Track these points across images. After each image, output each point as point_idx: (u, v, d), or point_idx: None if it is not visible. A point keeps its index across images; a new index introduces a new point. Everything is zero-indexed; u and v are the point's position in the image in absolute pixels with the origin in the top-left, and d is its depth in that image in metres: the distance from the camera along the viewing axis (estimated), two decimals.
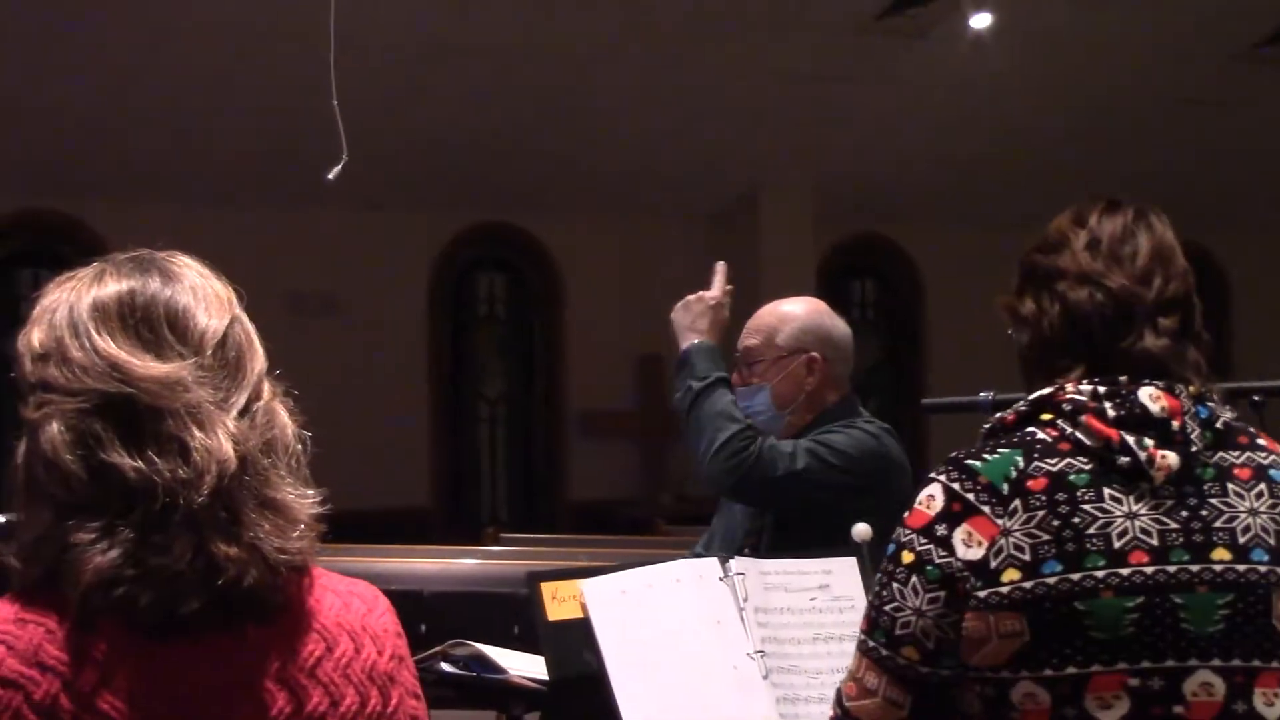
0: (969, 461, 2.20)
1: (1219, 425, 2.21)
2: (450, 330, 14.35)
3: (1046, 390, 2.24)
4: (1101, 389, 2.19)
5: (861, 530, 3.17)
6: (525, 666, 3.20)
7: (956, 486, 2.18)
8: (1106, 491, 2.14)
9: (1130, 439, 2.15)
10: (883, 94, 12.69)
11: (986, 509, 2.15)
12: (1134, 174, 11.38)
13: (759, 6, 11.30)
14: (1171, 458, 2.15)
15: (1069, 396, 2.20)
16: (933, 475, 2.24)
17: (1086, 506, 2.13)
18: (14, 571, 1.78)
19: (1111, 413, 2.17)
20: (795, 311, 4.22)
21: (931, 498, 2.20)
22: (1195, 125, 13.41)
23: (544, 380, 14.62)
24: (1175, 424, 2.17)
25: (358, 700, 1.84)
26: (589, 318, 14.17)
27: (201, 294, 1.89)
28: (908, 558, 2.18)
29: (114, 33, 10.56)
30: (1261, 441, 2.27)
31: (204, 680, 1.75)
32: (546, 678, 3.01)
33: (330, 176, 6.20)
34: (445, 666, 3.24)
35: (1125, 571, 2.11)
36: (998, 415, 2.29)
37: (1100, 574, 2.10)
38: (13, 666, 1.69)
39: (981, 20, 11.76)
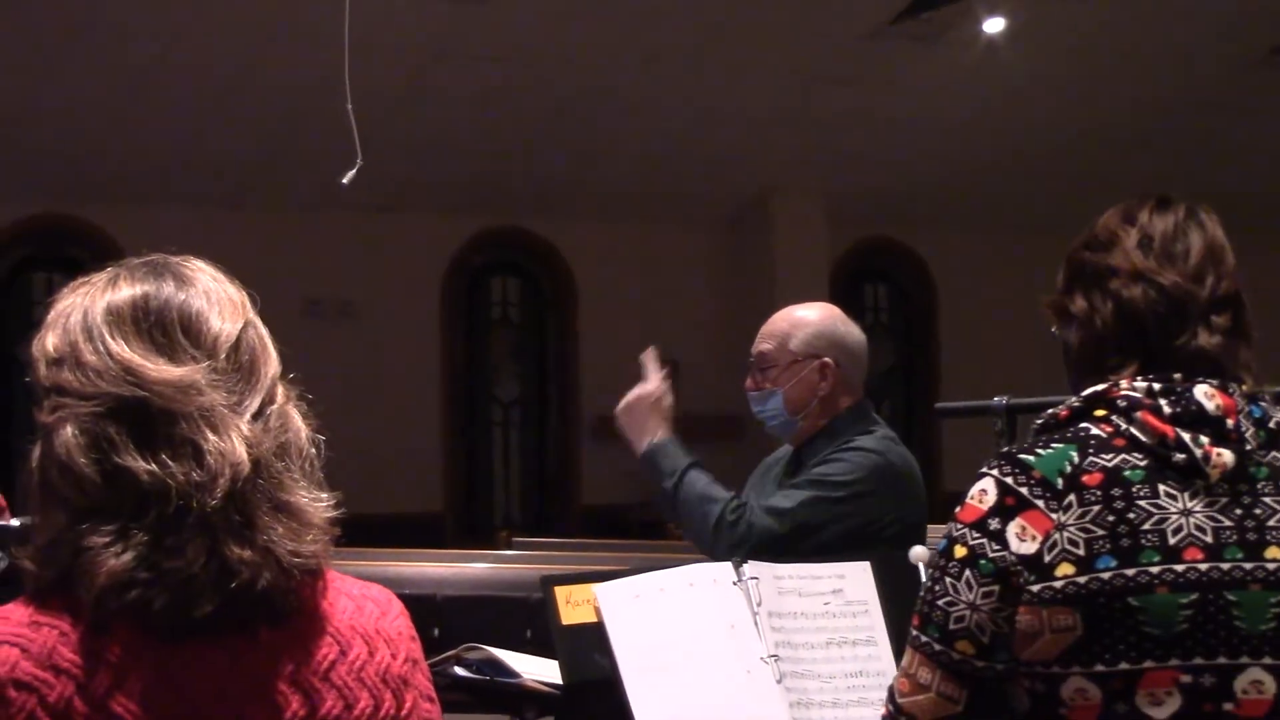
0: (1022, 456, 2.19)
1: (1272, 425, 2.21)
2: (464, 334, 14.37)
3: (1100, 386, 2.23)
4: (1156, 386, 2.19)
5: (919, 553, 3.18)
6: (539, 670, 3.19)
7: (1009, 480, 2.17)
8: (1162, 488, 2.13)
9: (1186, 436, 2.14)
10: (896, 98, 12.69)
11: (1040, 503, 2.14)
12: (1148, 178, 11.36)
13: (772, 11, 11.30)
14: (1227, 455, 2.14)
15: (1124, 393, 2.19)
16: (984, 470, 2.22)
17: (1142, 502, 2.12)
18: (28, 574, 1.78)
19: (1167, 409, 2.16)
20: (809, 317, 4.22)
21: (984, 492, 2.19)
22: (1210, 129, 13.39)
23: (557, 384, 14.63)
24: (1230, 422, 2.16)
25: (371, 703, 1.84)
26: (602, 322, 14.17)
27: (215, 298, 1.89)
28: (960, 552, 2.17)
29: (127, 37, 10.57)
30: None
31: (217, 683, 1.75)
32: (560, 681, 3.01)
33: (345, 181, 6.21)
34: (459, 670, 3.24)
35: (1180, 568, 2.10)
36: (1049, 411, 2.27)
37: (1155, 570, 2.10)
38: (27, 669, 1.69)
39: (995, 25, 11.76)
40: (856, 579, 3.08)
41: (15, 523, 2.64)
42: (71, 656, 1.70)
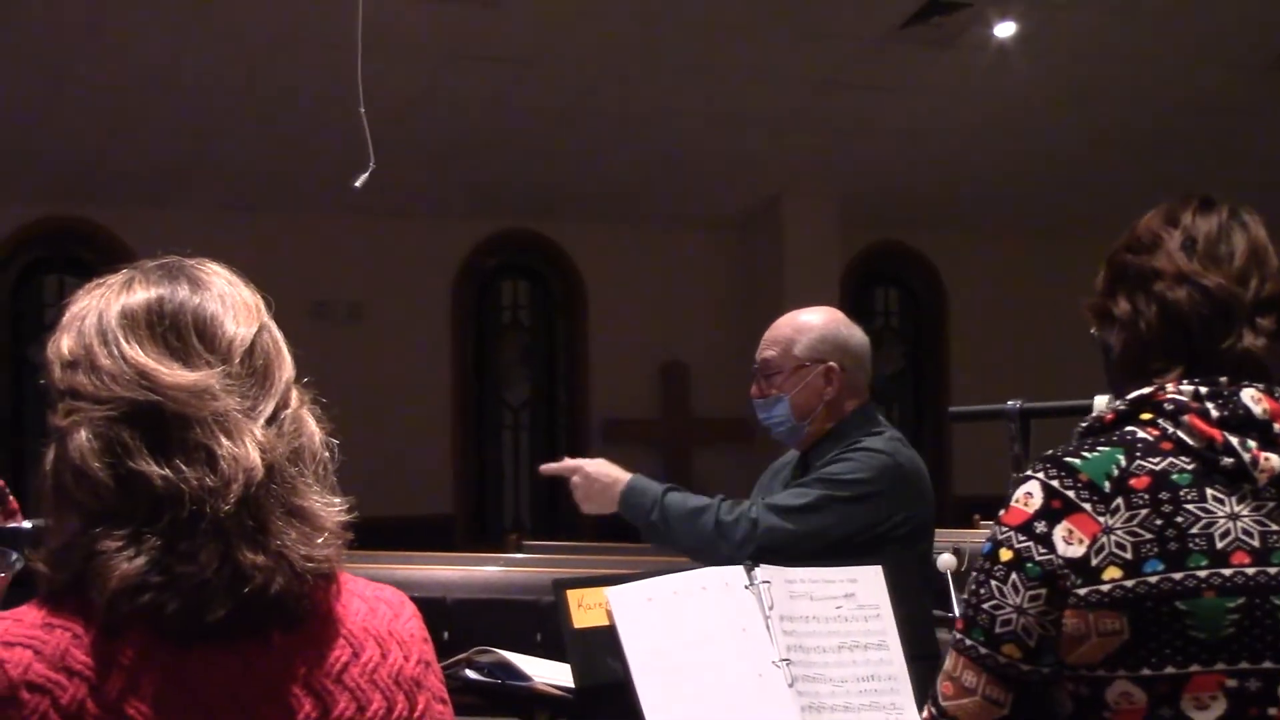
0: (1068, 459, 2.18)
1: None
2: (474, 337, 14.37)
3: (1146, 390, 2.22)
4: (1203, 389, 2.18)
5: (947, 560, 3.17)
6: (550, 674, 3.20)
7: (1055, 484, 2.16)
8: (1209, 492, 2.13)
9: (1234, 440, 2.14)
10: (907, 102, 12.69)
11: (1088, 506, 2.13)
12: (1160, 182, 11.33)
13: (783, 14, 11.29)
14: (1275, 460, 2.14)
15: (1170, 396, 2.19)
16: (1029, 473, 2.21)
17: (1189, 506, 2.12)
18: (41, 577, 1.78)
19: (1215, 413, 2.16)
20: (812, 322, 4.22)
21: (1029, 495, 2.18)
22: (1222, 134, 13.37)
23: (567, 387, 14.64)
24: (1277, 426, 2.16)
25: (384, 705, 1.85)
26: (612, 325, 14.18)
27: (230, 302, 1.89)
28: (1006, 555, 2.17)
29: (138, 40, 10.59)
30: None
31: (230, 687, 1.75)
32: (572, 685, 3.01)
33: (357, 185, 6.22)
34: (470, 673, 3.24)
35: (1227, 572, 2.09)
36: (1094, 414, 2.27)
37: (1203, 574, 2.09)
38: (40, 671, 1.69)
39: (1005, 29, 11.75)
40: (868, 583, 3.08)
41: (28, 525, 2.64)
42: (84, 659, 1.70)
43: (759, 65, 11.84)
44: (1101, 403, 2.90)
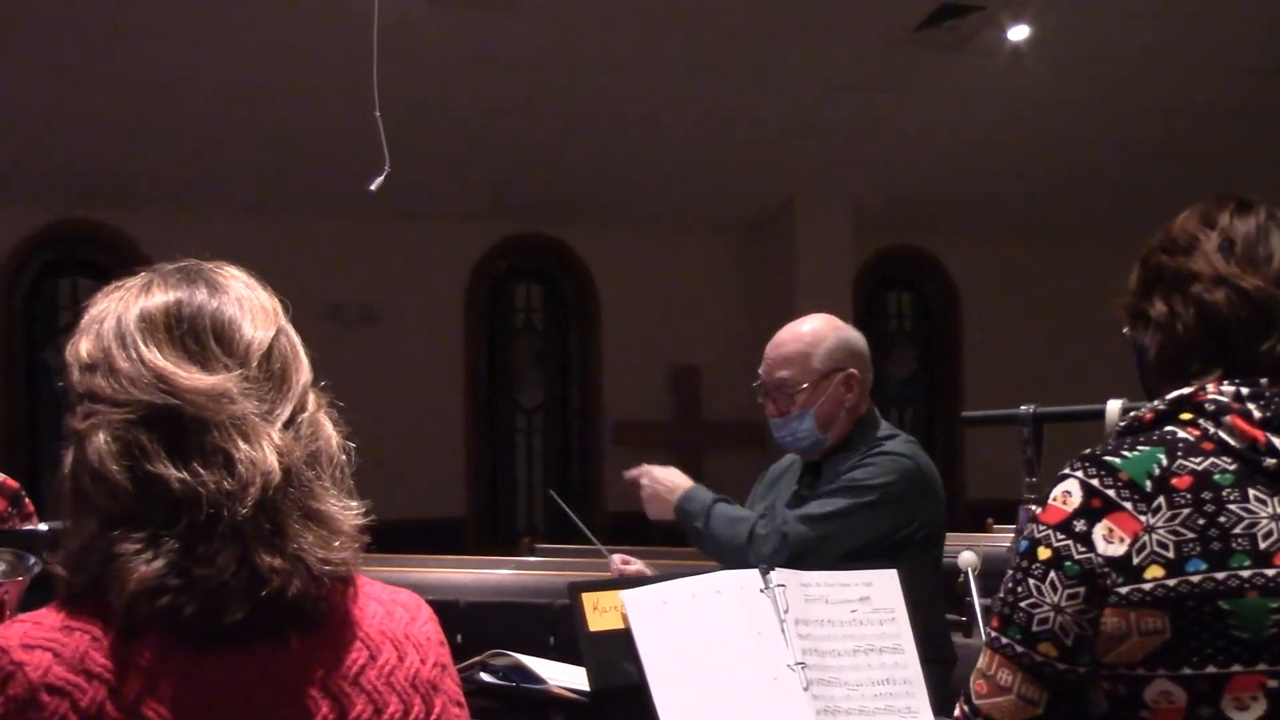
0: (1107, 458, 2.17)
1: None
2: (487, 340, 14.38)
3: (1186, 390, 2.21)
4: (1245, 390, 2.17)
5: (968, 558, 3.18)
6: (564, 677, 3.20)
7: (1095, 482, 2.15)
8: (1251, 492, 2.12)
9: (1277, 441, 2.13)
10: (919, 106, 12.68)
11: (1129, 505, 2.12)
12: (1172, 187, 11.32)
13: (796, 18, 11.30)
14: None
15: (1211, 397, 2.17)
16: (1066, 471, 2.19)
17: (1232, 506, 2.11)
18: (60, 580, 1.79)
19: (1257, 414, 2.15)
20: (820, 331, 4.22)
21: (1068, 493, 2.17)
22: (1238, 138, 13.34)
23: (580, 390, 14.64)
24: None
25: (401, 708, 1.85)
26: (625, 328, 14.19)
27: (248, 305, 1.90)
28: (1044, 554, 2.15)
29: (154, 43, 10.61)
30: None
31: (248, 689, 1.76)
32: (586, 688, 3.02)
33: (372, 188, 6.23)
34: (485, 676, 3.24)
35: (1270, 572, 2.09)
36: (1133, 414, 2.26)
37: (1246, 574, 2.08)
38: (59, 674, 1.70)
39: (1019, 33, 11.75)
40: (883, 586, 3.08)
41: (44, 527, 2.65)
42: (103, 661, 1.71)
43: (772, 69, 11.84)
44: (1115, 408, 2.90)
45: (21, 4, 10.13)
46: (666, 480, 4.22)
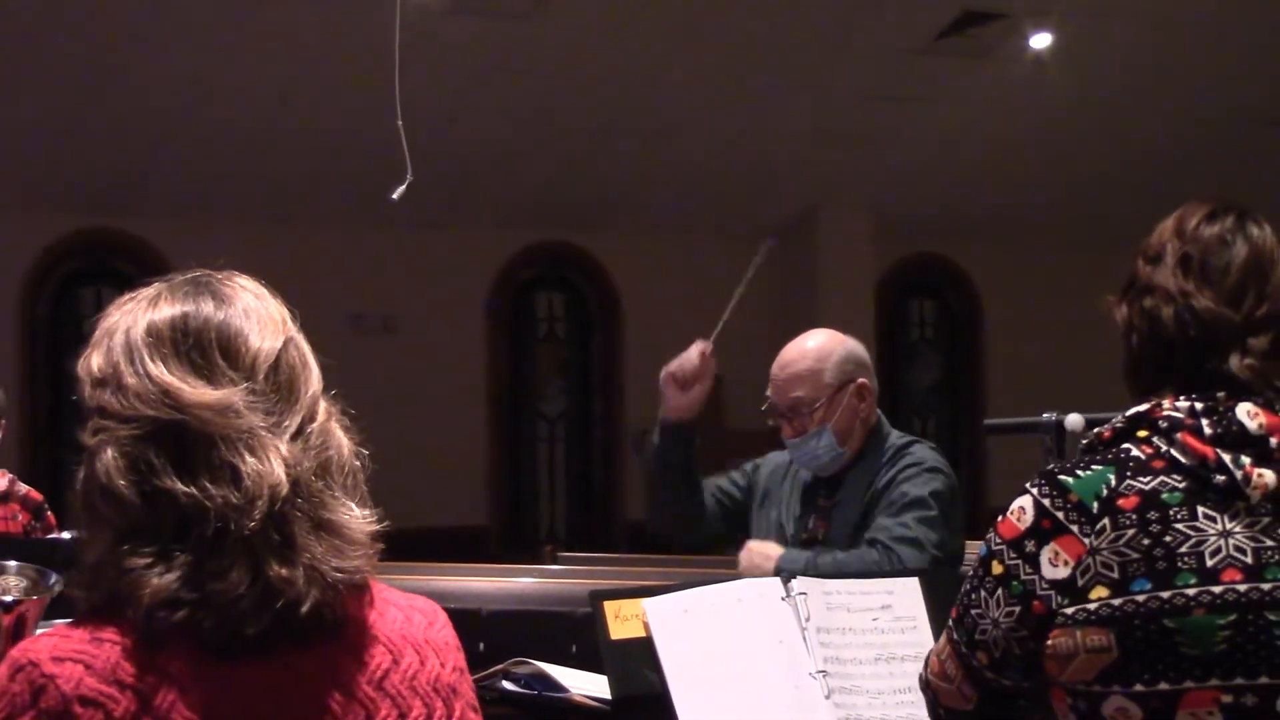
0: (1062, 477, 2.19)
1: None
2: (509, 349, 14.38)
3: (1144, 406, 2.22)
4: (1199, 405, 2.17)
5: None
6: (586, 685, 3.19)
7: (1047, 503, 2.18)
8: (1200, 510, 2.13)
9: (1227, 457, 2.13)
10: (942, 114, 12.67)
11: (1075, 528, 2.15)
12: (1197, 194, 11.27)
13: (818, 26, 11.30)
14: (1269, 476, 2.13)
15: (1165, 413, 2.19)
16: (1027, 485, 2.23)
17: (1179, 525, 2.12)
18: (78, 597, 1.80)
19: (1208, 430, 2.15)
20: (826, 346, 4.23)
21: (1022, 510, 2.21)
22: (1260, 147, 13.31)
23: (602, 399, 14.63)
24: (1274, 441, 2.15)
25: (424, 712, 1.87)
26: (647, 337, 14.16)
27: (255, 316, 1.90)
28: (997, 569, 2.21)
29: (177, 52, 10.64)
30: None
31: (276, 697, 1.77)
32: (608, 696, 3.01)
33: (394, 197, 6.23)
34: (507, 684, 3.24)
35: (1217, 589, 2.09)
36: (1095, 430, 2.28)
37: (1191, 592, 2.09)
38: (92, 685, 1.71)
39: (1041, 40, 11.73)
40: (905, 594, 3.08)
41: (67, 535, 2.66)
42: (135, 672, 1.72)
43: (794, 78, 11.84)
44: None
45: (43, 13, 10.16)
46: (759, 551, 4.16)
